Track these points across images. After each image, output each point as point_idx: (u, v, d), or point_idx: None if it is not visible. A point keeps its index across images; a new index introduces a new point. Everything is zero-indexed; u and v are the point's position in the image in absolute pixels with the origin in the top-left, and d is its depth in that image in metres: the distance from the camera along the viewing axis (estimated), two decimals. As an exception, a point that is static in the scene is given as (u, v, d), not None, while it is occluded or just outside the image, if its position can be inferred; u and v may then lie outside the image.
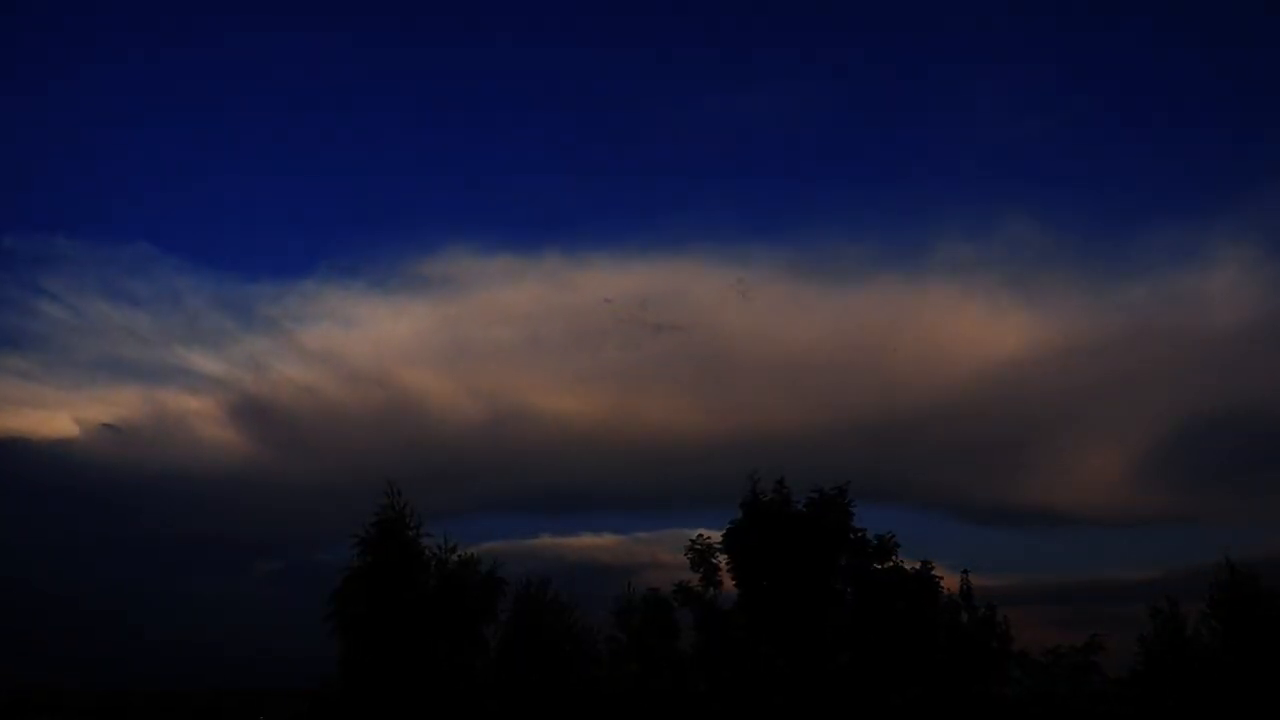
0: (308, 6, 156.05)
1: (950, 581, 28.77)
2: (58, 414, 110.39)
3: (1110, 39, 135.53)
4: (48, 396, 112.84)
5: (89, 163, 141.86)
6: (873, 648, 27.50)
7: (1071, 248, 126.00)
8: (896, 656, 27.18)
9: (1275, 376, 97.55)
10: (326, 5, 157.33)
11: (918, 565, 28.72)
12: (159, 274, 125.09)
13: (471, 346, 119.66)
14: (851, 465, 28.58)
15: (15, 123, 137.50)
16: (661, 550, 66.97)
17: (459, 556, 30.42)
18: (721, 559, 29.47)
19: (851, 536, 28.82)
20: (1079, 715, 27.37)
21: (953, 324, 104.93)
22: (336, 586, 29.39)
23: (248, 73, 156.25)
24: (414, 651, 28.02)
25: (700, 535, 30.04)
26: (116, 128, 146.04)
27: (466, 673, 29.14)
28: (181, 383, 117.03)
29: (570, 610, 31.49)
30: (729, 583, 29.35)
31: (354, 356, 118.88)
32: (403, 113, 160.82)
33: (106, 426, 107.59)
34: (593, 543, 72.14)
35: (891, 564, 28.67)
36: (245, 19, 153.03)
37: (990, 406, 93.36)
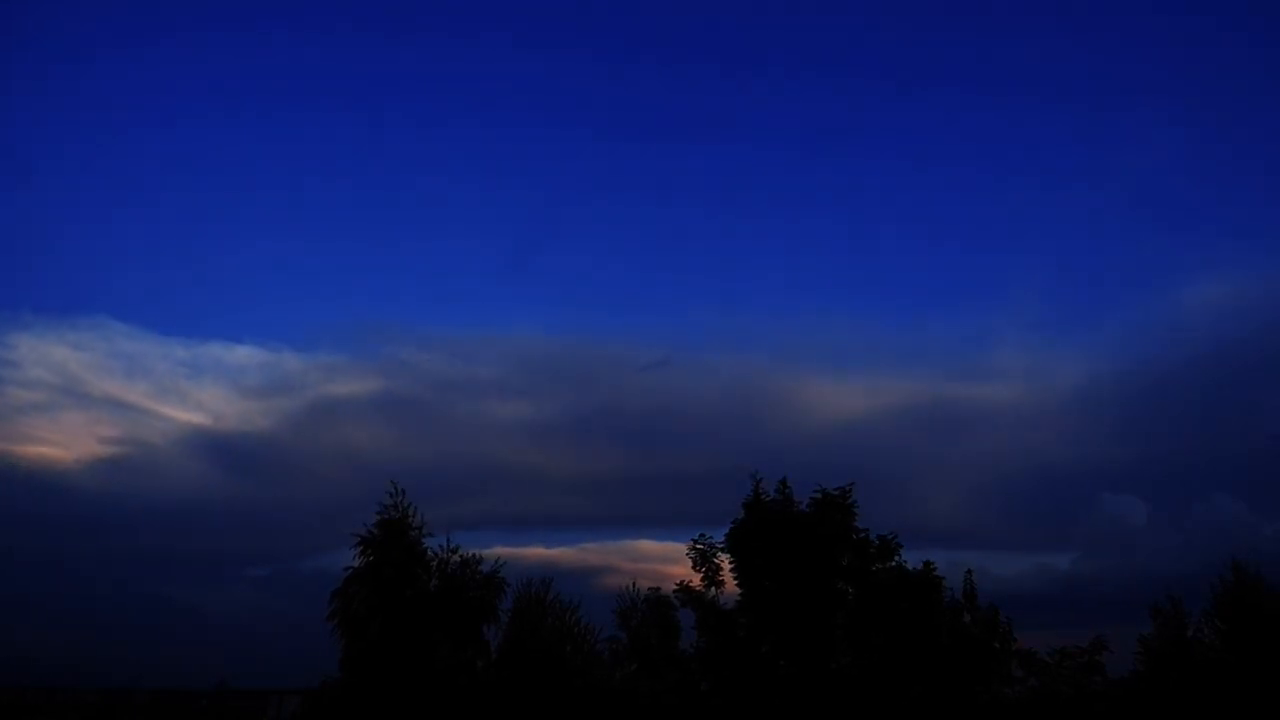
0: (253, 90, 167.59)
1: None
2: (52, 447, 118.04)
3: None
4: (40, 432, 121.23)
5: (51, 247, 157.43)
6: (875, 648, 27.40)
7: (884, 337, 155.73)
8: (899, 657, 27.07)
9: (1047, 437, 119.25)
10: (273, 88, 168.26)
11: (920, 566, 28.66)
12: (117, 339, 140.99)
13: (406, 402, 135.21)
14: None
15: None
16: (615, 557, 74.16)
17: (460, 557, 30.44)
18: (724, 559, 29.44)
19: (854, 537, 28.73)
20: (1081, 715, 27.28)
21: (806, 395, 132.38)
22: (337, 586, 29.38)
23: (187, 165, 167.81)
24: (415, 650, 27.96)
25: (702, 535, 30.03)
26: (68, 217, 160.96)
27: (468, 671, 29.09)
28: (154, 426, 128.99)
29: (571, 610, 31.50)
30: (731, 583, 29.32)
31: (299, 407, 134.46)
32: (343, 192, 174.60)
33: (97, 459, 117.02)
34: (545, 553, 75.82)
35: (894, 564, 28.61)
36: (186, 106, 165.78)
37: (843, 454, 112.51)
